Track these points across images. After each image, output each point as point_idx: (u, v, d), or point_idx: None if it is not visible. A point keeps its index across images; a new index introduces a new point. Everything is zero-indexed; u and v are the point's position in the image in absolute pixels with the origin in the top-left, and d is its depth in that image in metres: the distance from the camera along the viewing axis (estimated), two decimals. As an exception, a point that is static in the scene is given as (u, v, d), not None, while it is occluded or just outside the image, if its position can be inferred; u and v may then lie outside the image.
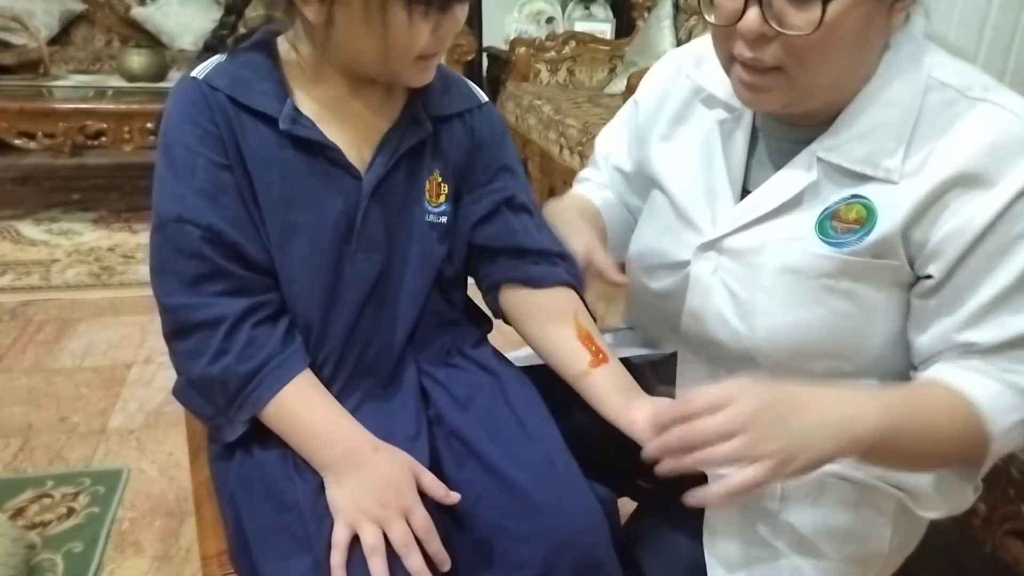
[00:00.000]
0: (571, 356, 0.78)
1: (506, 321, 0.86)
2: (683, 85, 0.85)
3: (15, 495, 1.44)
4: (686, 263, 0.79)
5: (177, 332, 0.72)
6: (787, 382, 0.64)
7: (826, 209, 0.71)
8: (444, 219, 0.81)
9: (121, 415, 1.73)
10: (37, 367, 1.93)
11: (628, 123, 0.95)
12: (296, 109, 0.72)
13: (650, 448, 0.63)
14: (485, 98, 0.86)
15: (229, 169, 0.71)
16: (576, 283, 0.83)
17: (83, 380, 1.87)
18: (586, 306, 0.83)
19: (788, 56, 0.65)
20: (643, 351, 0.93)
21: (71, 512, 1.41)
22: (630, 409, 0.71)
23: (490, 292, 0.85)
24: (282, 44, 0.76)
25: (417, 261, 0.79)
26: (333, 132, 0.74)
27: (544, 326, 0.81)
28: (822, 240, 0.70)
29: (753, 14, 0.64)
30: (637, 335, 0.97)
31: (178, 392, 0.74)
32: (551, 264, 0.83)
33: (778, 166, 0.75)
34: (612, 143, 0.98)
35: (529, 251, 0.83)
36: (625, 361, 0.81)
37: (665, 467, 0.62)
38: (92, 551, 1.32)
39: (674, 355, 0.86)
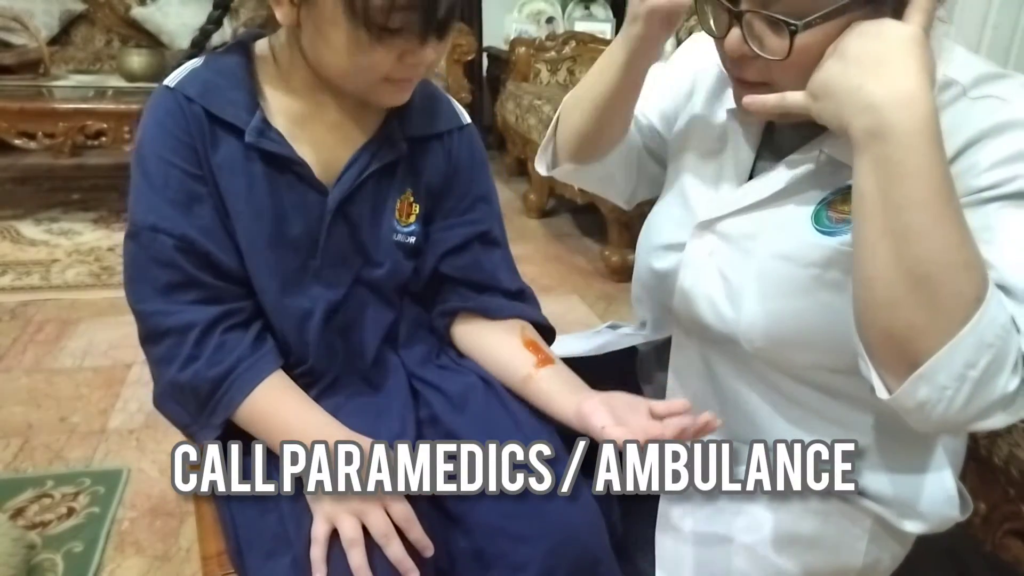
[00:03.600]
0: (517, 362, 0.79)
1: (452, 344, 0.86)
2: (713, 72, 0.84)
3: (15, 495, 1.44)
4: (685, 244, 0.79)
5: (149, 337, 0.72)
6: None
7: (823, 199, 0.70)
8: (412, 239, 0.81)
9: (121, 415, 1.73)
10: (37, 367, 1.93)
11: (660, 84, 0.91)
12: (265, 121, 0.72)
13: None
14: (467, 120, 0.86)
15: (202, 179, 0.72)
16: (533, 319, 0.85)
17: (83, 380, 1.87)
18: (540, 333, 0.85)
19: (771, 74, 0.65)
20: (644, 334, 0.93)
21: (71, 512, 1.41)
22: (579, 404, 0.71)
23: (443, 316, 0.85)
24: (260, 47, 0.76)
25: (383, 278, 0.79)
26: (304, 144, 0.74)
27: (493, 343, 0.82)
28: (816, 229, 0.70)
29: (735, 35, 0.65)
30: (641, 329, 0.97)
31: (156, 401, 0.74)
32: (511, 300, 0.84)
33: None
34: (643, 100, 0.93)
35: (492, 288, 0.84)
36: (631, 349, 0.79)
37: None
38: (92, 551, 1.31)
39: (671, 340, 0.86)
